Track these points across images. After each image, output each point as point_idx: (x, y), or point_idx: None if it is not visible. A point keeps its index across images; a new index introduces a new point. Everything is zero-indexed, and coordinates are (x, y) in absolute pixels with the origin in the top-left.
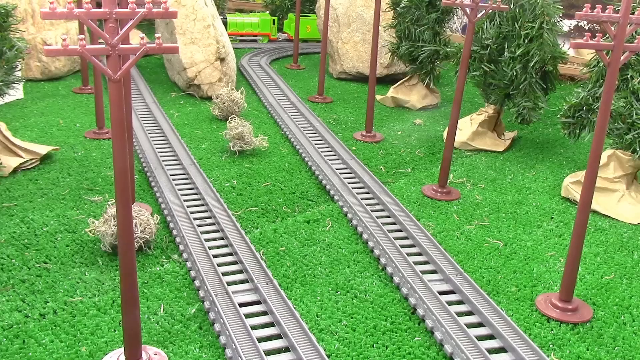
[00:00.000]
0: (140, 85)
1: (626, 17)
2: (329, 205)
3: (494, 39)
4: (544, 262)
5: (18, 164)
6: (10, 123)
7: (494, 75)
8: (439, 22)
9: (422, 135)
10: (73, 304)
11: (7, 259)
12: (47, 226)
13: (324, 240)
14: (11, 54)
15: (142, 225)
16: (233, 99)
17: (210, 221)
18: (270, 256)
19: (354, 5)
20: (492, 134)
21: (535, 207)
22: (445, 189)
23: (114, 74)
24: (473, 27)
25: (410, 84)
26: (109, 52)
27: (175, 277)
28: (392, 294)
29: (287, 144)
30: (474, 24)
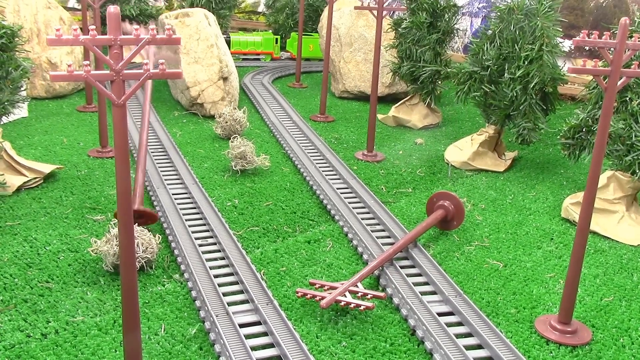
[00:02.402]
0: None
1: (622, 43)
2: (329, 225)
3: (494, 60)
4: (543, 284)
5: (22, 182)
6: (15, 141)
7: (494, 96)
8: (439, 42)
9: (422, 154)
10: (75, 323)
11: (9, 278)
12: (50, 245)
13: (324, 261)
14: (17, 74)
15: (143, 245)
16: (235, 118)
17: (212, 241)
18: (271, 276)
19: (355, 26)
20: (493, 154)
21: (535, 228)
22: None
23: (118, 99)
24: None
25: (411, 103)
26: (114, 78)
27: (177, 297)
28: (392, 315)
29: (288, 163)
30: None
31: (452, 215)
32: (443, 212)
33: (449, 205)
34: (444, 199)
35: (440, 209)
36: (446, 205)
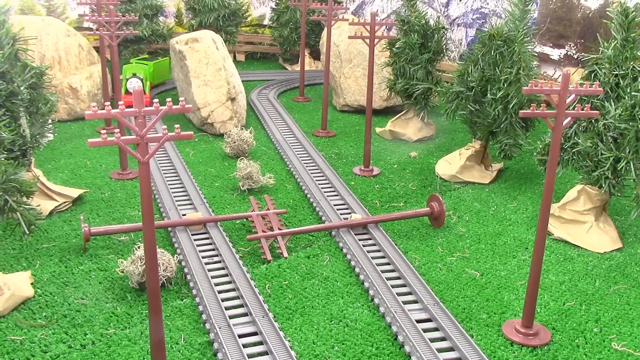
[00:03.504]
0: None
1: (565, 90)
2: (327, 240)
3: (478, 81)
4: (514, 291)
5: (53, 207)
6: (43, 165)
7: (479, 115)
8: (430, 62)
9: (415, 168)
10: (108, 335)
11: (49, 296)
12: (82, 265)
13: (322, 274)
14: (46, 109)
15: (164, 265)
16: (243, 138)
17: (217, 259)
18: (274, 289)
19: (354, 43)
20: (480, 166)
21: (513, 238)
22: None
23: (143, 157)
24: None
25: (406, 117)
26: (139, 141)
27: (194, 310)
28: (379, 322)
29: (291, 180)
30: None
31: (436, 214)
32: (428, 210)
33: (436, 206)
34: (434, 200)
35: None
36: (433, 205)
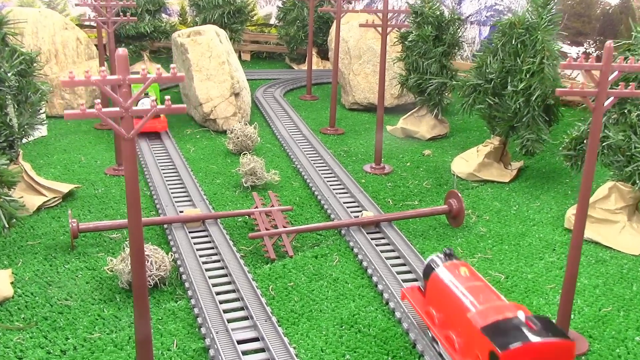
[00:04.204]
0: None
1: (608, 65)
2: (336, 239)
3: (498, 73)
4: (543, 295)
5: (42, 202)
6: (35, 160)
7: (498, 108)
8: (445, 55)
9: (430, 166)
10: (92, 340)
11: (30, 296)
12: (69, 263)
13: (330, 275)
14: (35, 98)
15: (157, 263)
16: (247, 134)
17: (216, 258)
18: (279, 291)
19: (364, 38)
20: (499, 164)
21: (538, 239)
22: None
23: (128, 133)
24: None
25: (419, 114)
26: (123, 114)
27: (188, 313)
28: (394, 328)
29: (298, 177)
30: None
31: (455, 213)
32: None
33: (454, 203)
34: (453, 197)
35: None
36: (451, 202)
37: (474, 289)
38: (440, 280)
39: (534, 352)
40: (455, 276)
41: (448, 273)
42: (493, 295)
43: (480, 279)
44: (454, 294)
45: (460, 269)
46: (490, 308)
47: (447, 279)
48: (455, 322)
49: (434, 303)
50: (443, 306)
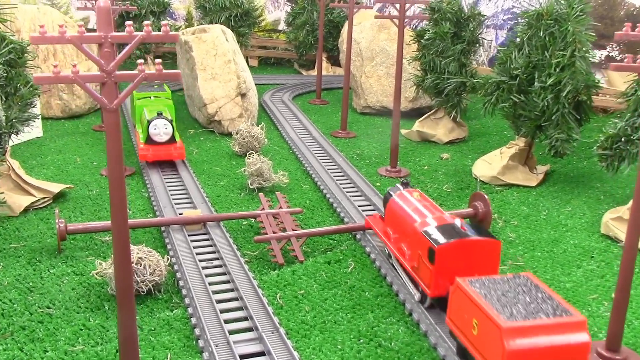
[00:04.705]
0: None
1: None
2: (351, 244)
3: (523, 68)
4: (586, 306)
5: (29, 202)
6: (27, 161)
7: (524, 107)
8: (464, 53)
9: (449, 169)
10: (74, 353)
11: (9, 303)
12: (54, 268)
13: (345, 283)
14: (26, 91)
15: (151, 267)
16: (253, 135)
17: (218, 263)
18: (287, 300)
19: (377, 39)
20: (524, 167)
21: (574, 246)
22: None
23: (110, 103)
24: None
25: (436, 117)
26: (104, 80)
27: (185, 323)
28: (420, 342)
29: (308, 180)
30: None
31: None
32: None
33: (480, 206)
34: (478, 200)
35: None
36: (477, 205)
37: (421, 207)
38: (396, 203)
39: (463, 248)
40: (408, 199)
41: (402, 198)
42: (437, 211)
43: (428, 200)
44: (406, 212)
45: (412, 194)
46: (433, 218)
47: (401, 202)
48: (405, 234)
49: (391, 224)
50: (397, 224)
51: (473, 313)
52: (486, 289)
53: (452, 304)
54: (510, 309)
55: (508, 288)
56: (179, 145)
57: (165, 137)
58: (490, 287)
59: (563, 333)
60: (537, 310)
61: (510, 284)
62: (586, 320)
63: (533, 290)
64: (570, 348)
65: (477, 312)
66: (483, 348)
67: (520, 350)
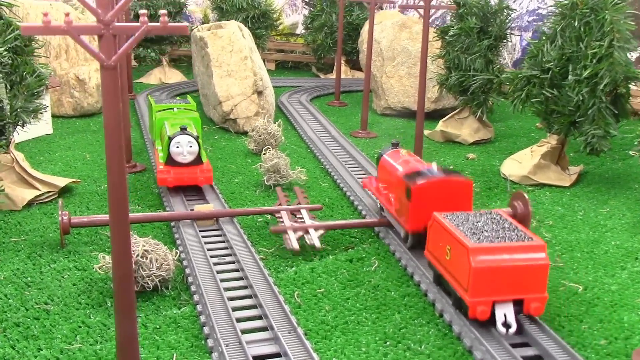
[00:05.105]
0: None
1: None
2: (374, 242)
3: (556, 61)
4: (635, 310)
5: (33, 196)
6: (35, 157)
7: (557, 102)
8: (491, 49)
9: (476, 169)
10: (70, 352)
11: (4, 298)
12: (55, 263)
13: (369, 282)
14: (32, 80)
15: (158, 261)
16: (270, 132)
17: (231, 259)
18: (306, 299)
19: (398, 39)
20: (556, 167)
21: (616, 247)
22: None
23: (108, 59)
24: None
25: (460, 117)
26: (102, 32)
27: (194, 322)
28: (453, 346)
29: (327, 178)
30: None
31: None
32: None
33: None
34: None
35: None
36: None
37: (407, 161)
38: (386, 160)
39: (437, 186)
40: (396, 156)
41: (391, 156)
42: (420, 164)
43: (414, 156)
44: (392, 166)
45: (400, 152)
46: (414, 167)
47: (390, 159)
48: (391, 184)
49: (382, 179)
50: (385, 178)
51: (447, 241)
52: (459, 221)
53: (430, 237)
54: (478, 235)
55: (479, 220)
56: (205, 168)
57: (190, 157)
58: (464, 219)
59: (523, 253)
60: (503, 236)
61: (482, 217)
62: (545, 245)
63: (502, 222)
64: (531, 268)
65: (450, 239)
66: (454, 270)
67: (485, 268)
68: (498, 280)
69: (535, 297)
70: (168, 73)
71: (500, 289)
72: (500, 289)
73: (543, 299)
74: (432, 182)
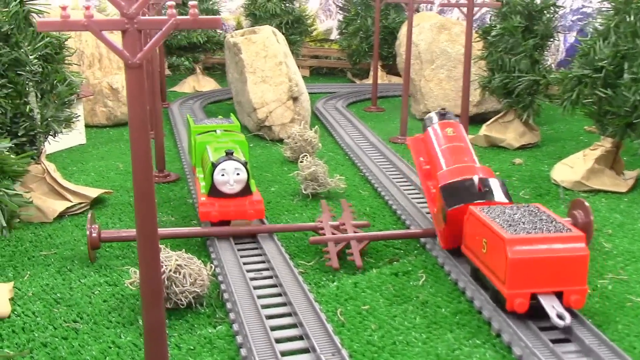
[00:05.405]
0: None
1: None
2: (420, 254)
3: (610, 59)
4: None
5: (64, 208)
6: (67, 167)
7: (611, 102)
8: (537, 48)
9: (524, 175)
10: None
11: (31, 316)
12: (86, 277)
13: (417, 297)
14: (63, 89)
15: (192, 276)
16: (306, 138)
17: (268, 274)
18: (350, 317)
19: (437, 41)
20: (611, 172)
21: None
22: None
23: (132, 57)
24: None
25: (505, 120)
26: (126, 26)
27: (230, 342)
28: None
29: (367, 186)
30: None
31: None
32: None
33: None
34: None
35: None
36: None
37: (451, 149)
38: (429, 137)
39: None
40: (440, 136)
41: (436, 132)
42: (465, 157)
43: (462, 139)
44: (435, 152)
45: (447, 129)
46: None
47: (434, 137)
48: (432, 176)
49: (425, 155)
50: (429, 160)
51: (483, 234)
52: (496, 214)
53: (466, 231)
54: (515, 227)
55: (516, 212)
56: (255, 199)
57: (237, 186)
58: (500, 212)
59: (562, 243)
60: (540, 228)
61: (519, 210)
62: (584, 235)
63: (539, 214)
64: (569, 259)
65: (486, 232)
66: (491, 262)
67: (522, 259)
68: (536, 271)
69: (575, 289)
70: (202, 81)
71: (538, 281)
72: (538, 281)
73: (583, 292)
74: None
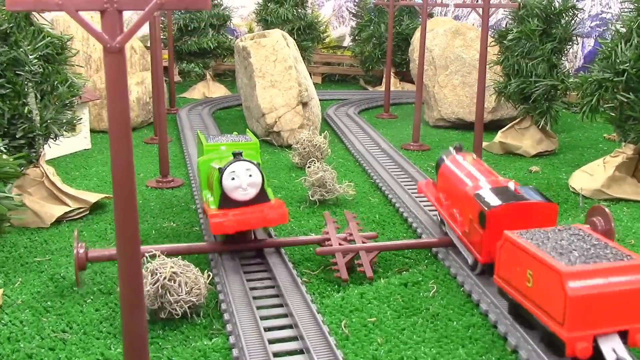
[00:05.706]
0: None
1: None
2: (432, 264)
3: (632, 62)
4: None
5: (62, 213)
6: (70, 172)
7: (633, 107)
8: (555, 52)
9: (541, 183)
10: None
11: (19, 325)
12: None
13: (427, 310)
14: (64, 90)
15: (188, 285)
16: (315, 144)
17: (270, 283)
18: (355, 329)
19: (451, 46)
20: (632, 179)
21: None
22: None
23: (112, 40)
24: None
25: (521, 127)
26: (105, 6)
27: (225, 355)
28: None
29: (377, 193)
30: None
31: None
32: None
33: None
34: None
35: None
36: (596, 221)
37: (474, 171)
38: (447, 168)
39: (516, 211)
40: (460, 163)
41: (454, 162)
42: (491, 176)
43: (482, 165)
44: (457, 176)
45: (466, 158)
46: (485, 182)
47: (453, 167)
48: (456, 199)
49: (443, 189)
50: (449, 189)
51: (527, 264)
52: (538, 239)
53: (502, 259)
54: (567, 256)
55: (561, 237)
56: (275, 204)
57: (252, 191)
58: (542, 238)
59: (626, 275)
60: (597, 255)
61: (562, 234)
62: None
63: (588, 238)
64: (636, 292)
65: (531, 261)
66: (541, 299)
67: (584, 296)
68: (599, 309)
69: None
70: (212, 87)
71: (602, 320)
72: (602, 320)
73: None
74: (511, 207)
